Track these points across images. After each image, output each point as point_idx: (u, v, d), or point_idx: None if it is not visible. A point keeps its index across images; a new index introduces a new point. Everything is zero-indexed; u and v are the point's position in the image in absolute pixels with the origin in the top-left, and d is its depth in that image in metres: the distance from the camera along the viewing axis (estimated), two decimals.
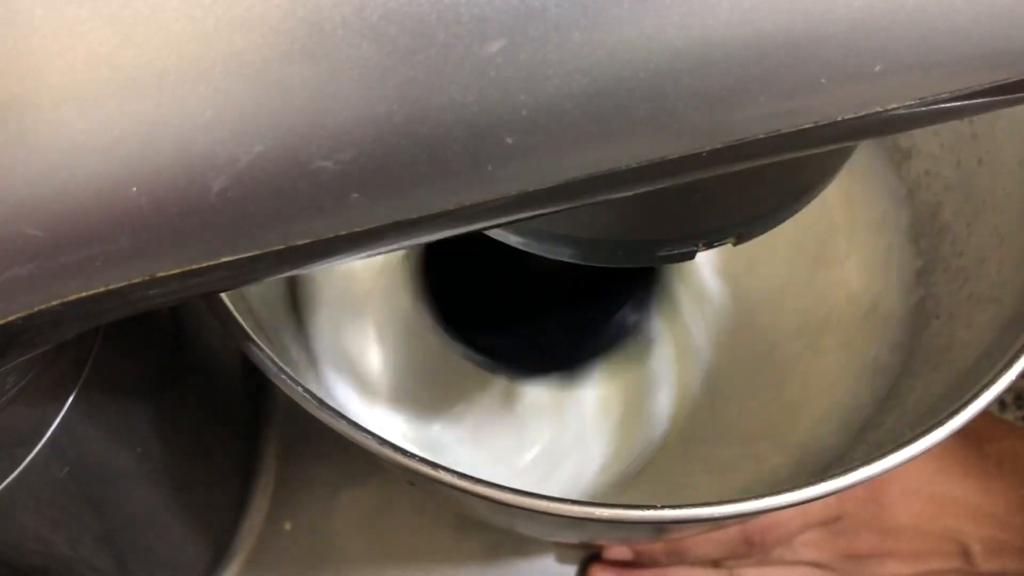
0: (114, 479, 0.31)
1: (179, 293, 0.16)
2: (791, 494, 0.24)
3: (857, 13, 0.14)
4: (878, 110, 0.16)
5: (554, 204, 0.17)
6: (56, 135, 0.13)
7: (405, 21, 0.13)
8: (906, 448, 0.25)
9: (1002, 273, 0.33)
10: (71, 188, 0.14)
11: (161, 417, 0.32)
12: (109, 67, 0.13)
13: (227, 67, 0.13)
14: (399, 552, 0.42)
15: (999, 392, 0.26)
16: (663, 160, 0.16)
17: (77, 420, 0.26)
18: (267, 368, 0.26)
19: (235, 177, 0.14)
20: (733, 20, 0.14)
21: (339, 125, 0.14)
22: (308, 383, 0.26)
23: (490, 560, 0.42)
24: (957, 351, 0.33)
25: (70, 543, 0.31)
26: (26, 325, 0.15)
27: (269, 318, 0.36)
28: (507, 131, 0.14)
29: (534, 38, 0.14)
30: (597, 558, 0.41)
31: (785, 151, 0.17)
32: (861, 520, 0.39)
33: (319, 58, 0.13)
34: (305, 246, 0.16)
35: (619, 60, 0.14)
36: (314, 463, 0.43)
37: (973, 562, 0.38)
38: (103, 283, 0.15)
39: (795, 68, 0.15)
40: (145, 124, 0.13)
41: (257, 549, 0.42)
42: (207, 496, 0.39)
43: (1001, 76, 0.16)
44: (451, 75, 0.14)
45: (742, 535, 0.39)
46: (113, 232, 0.14)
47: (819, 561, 0.39)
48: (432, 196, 0.15)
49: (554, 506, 0.24)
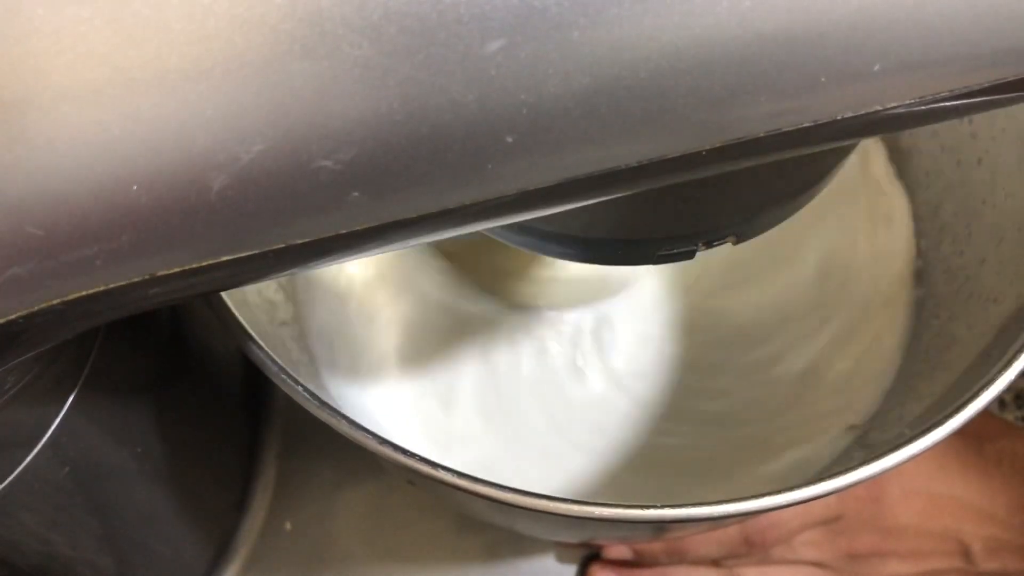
0: (114, 479, 0.31)
1: (179, 293, 0.16)
2: (791, 494, 0.24)
3: (857, 13, 0.14)
4: (878, 109, 0.16)
5: (554, 204, 0.17)
6: (56, 134, 0.13)
7: (405, 20, 0.13)
8: (906, 448, 0.25)
9: (1002, 273, 0.33)
10: (71, 187, 0.14)
11: (161, 417, 0.32)
12: (109, 67, 0.13)
13: (227, 66, 0.13)
14: (399, 552, 0.42)
15: (999, 392, 0.26)
16: (663, 159, 0.16)
17: (77, 420, 0.26)
18: (267, 368, 0.26)
19: (235, 176, 0.14)
20: (733, 19, 0.14)
21: (339, 124, 0.14)
22: (308, 383, 0.26)
23: (490, 560, 0.42)
24: (957, 351, 0.33)
25: (70, 543, 0.31)
26: (26, 325, 0.15)
27: (269, 318, 0.36)
28: (507, 130, 0.14)
29: (534, 37, 0.14)
30: (597, 558, 0.41)
31: (785, 150, 0.17)
32: (861, 520, 0.39)
33: (319, 57, 0.13)
34: (305, 246, 0.16)
35: (619, 59, 0.14)
36: (314, 463, 0.43)
37: (973, 561, 0.38)
38: (103, 282, 0.15)
39: (795, 67, 0.15)
40: (145, 123, 0.13)
41: (257, 549, 0.42)
42: (207, 496, 0.39)
43: (1001, 76, 0.16)
44: (451, 74, 0.14)
45: (742, 535, 0.39)
46: (113, 231, 0.14)
47: (819, 561, 0.39)
48: (432, 195, 0.15)
49: (554, 505, 0.24)
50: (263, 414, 0.43)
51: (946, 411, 0.26)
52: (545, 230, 0.24)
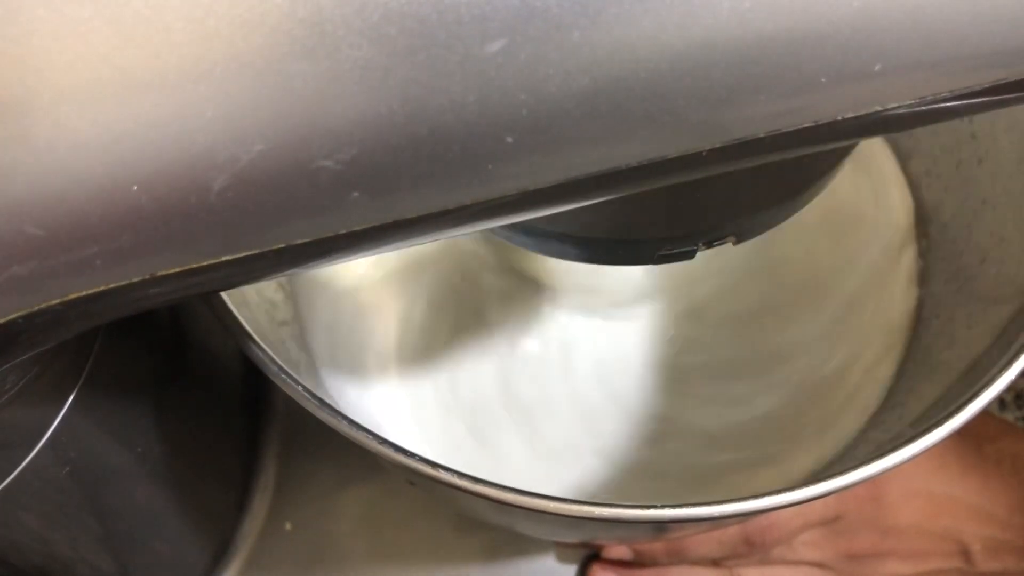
0: (114, 479, 0.31)
1: (179, 293, 0.16)
2: (791, 494, 0.24)
3: (857, 13, 0.14)
4: (878, 110, 0.16)
5: (554, 204, 0.17)
6: (56, 135, 0.13)
7: (405, 21, 0.13)
8: (906, 448, 0.25)
9: (1002, 273, 0.33)
10: (72, 187, 0.14)
11: (161, 417, 0.32)
12: (110, 67, 0.13)
13: (228, 67, 0.13)
14: (399, 552, 0.42)
15: (999, 392, 0.26)
16: (663, 160, 0.16)
17: (77, 420, 0.26)
18: (267, 368, 0.26)
19: (235, 176, 0.14)
20: (733, 20, 0.14)
21: (340, 125, 0.14)
22: (308, 383, 0.26)
23: (490, 560, 0.42)
24: (957, 351, 0.33)
25: (70, 543, 0.31)
26: (26, 325, 0.15)
27: (269, 318, 0.36)
28: (507, 130, 0.14)
29: (534, 38, 0.14)
30: (597, 558, 0.41)
31: (785, 150, 0.17)
32: (861, 520, 0.39)
33: (320, 58, 0.13)
34: (305, 246, 0.16)
35: (619, 60, 0.14)
36: (314, 463, 0.43)
37: (973, 562, 0.38)
38: (103, 282, 0.15)
39: (795, 68, 0.15)
40: (145, 123, 0.13)
41: (257, 549, 0.42)
42: (207, 496, 0.39)
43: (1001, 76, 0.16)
44: (451, 75, 0.14)
45: (742, 535, 0.39)
46: (113, 231, 0.14)
47: (819, 561, 0.39)
48: (432, 196, 0.15)
49: (554, 506, 0.24)
50: (263, 414, 0.43)
51: (946, 411, 0.26)
52: (545, 230, 0.24)
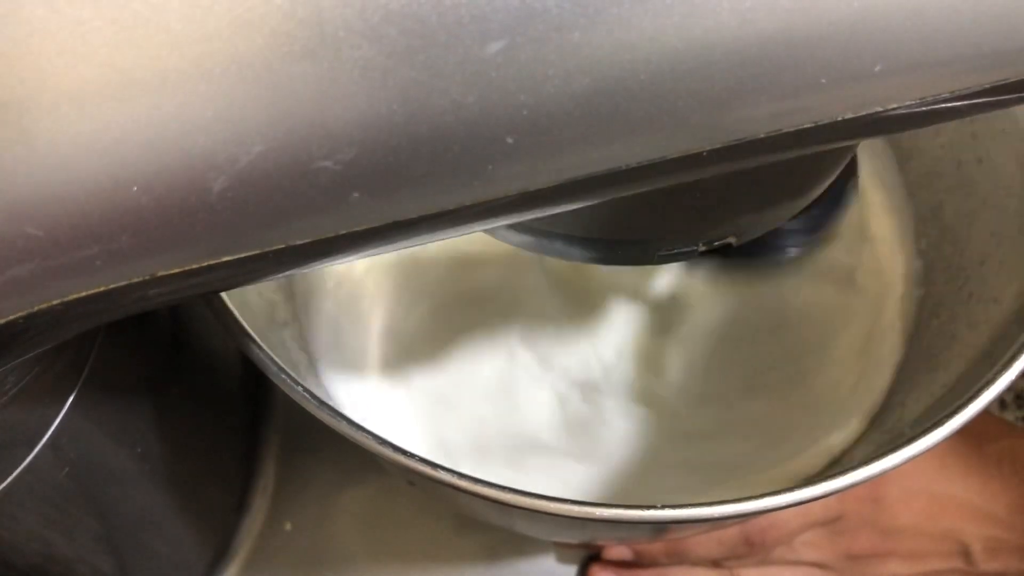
0: (114, 479, 0.31)
1: (179, 293, 0.16)
2: (791, 494, 0.24)
3: (857, 13, 0.14)
4: (878, 110, 0.16)
5: (554, 204, 0.17)
6: (56, 135, 0.13)
7: (406, 22, 0.13)
8: (906, 448, 0.25)
9: (1002, 273, 0.33)
10: (71, 188, 0.14)
11: (161, 417, 0.32)
12: (110, 67, 0.13)
13: (228, 68, 0.13)
14: (399, 552, 0.42)
15: (999, 392, 0.26)
16: (663, 160, 0.16)
17: (77, 420, 0.26)
18: (267, 368, 0.26)
19: (236, 177, 0.14)
20: (733, 20, 0.14)
21: (340, 125, 0.14)
22: (308, 383, 0.26)
23: (490, 560, 0.42)
24: (957, 351, 0.33)
25: (70, 543, 0.31)
26: (26, 325, 0.15)
27: (268, 317, 0.36)
28: (507, 131, 0.14)
29: (534, 38, 0.14)
30: (597, 558, 0.41)
31: (785, 151, 0.17)
32: (861, 520, 0.39)
33: (320, 59, 0.13)
34: (305, 246, 0.16)
35: (619, 60, 0.14)
36: (314, 463, 0.43)
37: (973, 562, 0.38)
38: (103, 283, 0.15)
39: (795, 68, 0.15)
40: (146, 124, 0.13)
41: (257, 549, 0.42)
42: (207, 496, 0.39)
43: (1002, 77, 0.16)
44: (452, 76, 0.14)
45: (742, 535, 0.39)
46: (113, 232, 0.14)
47: (819, 561, 0.39)
48: (432, 196, 0.15)
49: (554, 506, 0.24)
50: (263, 414, 0.43)
51: (946, 411, 0.26)
52: (545, 230, 0.24)
